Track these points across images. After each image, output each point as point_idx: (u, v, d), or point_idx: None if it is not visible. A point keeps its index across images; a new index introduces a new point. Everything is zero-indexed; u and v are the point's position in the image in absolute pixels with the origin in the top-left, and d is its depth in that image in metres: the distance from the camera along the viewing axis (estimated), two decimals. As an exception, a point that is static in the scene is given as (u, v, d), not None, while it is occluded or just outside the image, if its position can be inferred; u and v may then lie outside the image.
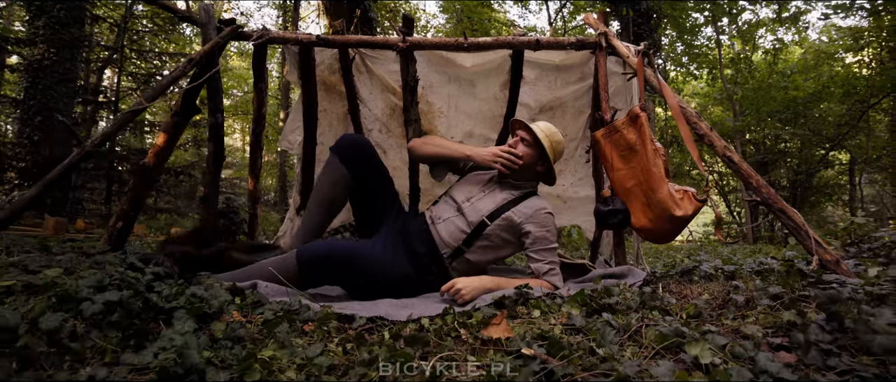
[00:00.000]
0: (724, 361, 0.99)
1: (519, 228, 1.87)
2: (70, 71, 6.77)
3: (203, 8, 2.04)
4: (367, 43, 2.13)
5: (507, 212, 1.88)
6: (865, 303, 1.20)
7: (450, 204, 1.98)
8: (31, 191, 1.62)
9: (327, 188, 1.91)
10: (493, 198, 1.92)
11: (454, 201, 1.98)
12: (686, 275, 2.16)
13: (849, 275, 1.61)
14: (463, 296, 1.58)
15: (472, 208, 1.89)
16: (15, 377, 0.88)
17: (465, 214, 1.88)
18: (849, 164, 13.37)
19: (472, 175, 2.08)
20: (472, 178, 2.05)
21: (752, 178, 1.92)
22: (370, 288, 1.71)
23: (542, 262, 1.85)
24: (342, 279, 1.75)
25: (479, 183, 2.01)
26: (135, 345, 1.12)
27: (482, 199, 1.92)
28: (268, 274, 1.63)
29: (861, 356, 0.96)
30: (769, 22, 12.70)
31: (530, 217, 1.88)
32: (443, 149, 2.02)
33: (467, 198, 1.94)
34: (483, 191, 1.96)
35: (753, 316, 1.29)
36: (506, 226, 1.86)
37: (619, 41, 2.42)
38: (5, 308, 1.08)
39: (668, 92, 2.19)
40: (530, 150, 1.96)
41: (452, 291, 1.60)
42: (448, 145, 2.03)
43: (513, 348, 1.09)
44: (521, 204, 1.91)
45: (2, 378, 0.82)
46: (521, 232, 1.88)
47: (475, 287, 1.61)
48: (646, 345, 1.10)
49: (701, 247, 6.61)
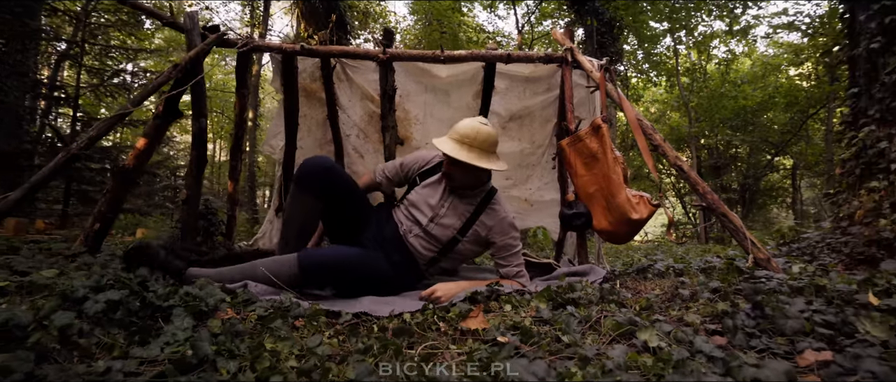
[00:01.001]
0: (669, 344, 1.16)
1: (486, 239, 1.99)
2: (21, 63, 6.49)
3: (188, 15, 2.08)
4: (349, 53, 2.24)
5: (473, 227, 1.96)
6: (785, 294, 1.41)
7: (415, 219, 1.99)
8: (15, 194, 1.64)
9: (299, 218, 1.92)
10: (455, 212, 1.96)
11: (417, 217, 1.98)
12: (641, 273, 2.37)
13: (777, 271, 1.84)
14: (442, 301, 1.68)
15: (438, 227, 1.94)
16: (36, 370, 0.94)
17: (433, 233, 1.95)
18: (791, 169, 14.36)
19: (426, 187, 2.05)
20: (428, 191, 2.02)
21: (698, 185, 2.14)
22: (358, 288, 1.79)
23: (510, 266, 1.99)
24: (338, 282, 1.79)
25: (435, 195, 2.00)
26: (139, 341, 1.20)
27: (446, 216, 1.96)
28: (262, 275, 1.68)
29: (777, 337, 1.15)
30: (722, 34, 13.45)
31: (494, 229, 1.97)
32: None
33: (432, 219, 1.96)
34: (442, 204, 1.97)
35: (695, 307, 1.48)
36: (474, 239, 1.98)
37: (584, 57, 2.62)
38: (13, 307, 1.14)
39: (627, 105, 2.40)
40: (462, 171, 1.92)
41: (433, 297, 1.72)
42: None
43: (489, 337, 1.23)
44: (483, 214, 1.97)
45: (24, 371, 0.89)
46: (489, 242, 2.00)
47: (454, 293, 1.73)
48: (604, 333, 1.27)
49: (657, 247, 6.98)
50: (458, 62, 2.45)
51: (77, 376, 0.91)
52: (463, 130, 1.89)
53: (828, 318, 1.19)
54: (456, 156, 1.82)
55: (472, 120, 1.94)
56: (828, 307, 1.28)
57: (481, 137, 1.88)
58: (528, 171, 3.11)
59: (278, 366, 1.00)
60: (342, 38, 4.85)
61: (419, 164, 2.15)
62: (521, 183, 3.15)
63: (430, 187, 2.04)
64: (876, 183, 2.29)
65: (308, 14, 4.51)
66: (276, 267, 1.70)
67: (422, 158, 2.16)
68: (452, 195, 1.99)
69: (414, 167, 2.15)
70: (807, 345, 1.08)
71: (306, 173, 1.86)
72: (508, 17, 22.63)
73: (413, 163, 2.16)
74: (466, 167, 1.87)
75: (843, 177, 2.53)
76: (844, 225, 2.39)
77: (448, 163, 1.91)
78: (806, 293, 1.46)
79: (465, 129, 1.89)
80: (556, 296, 1.61)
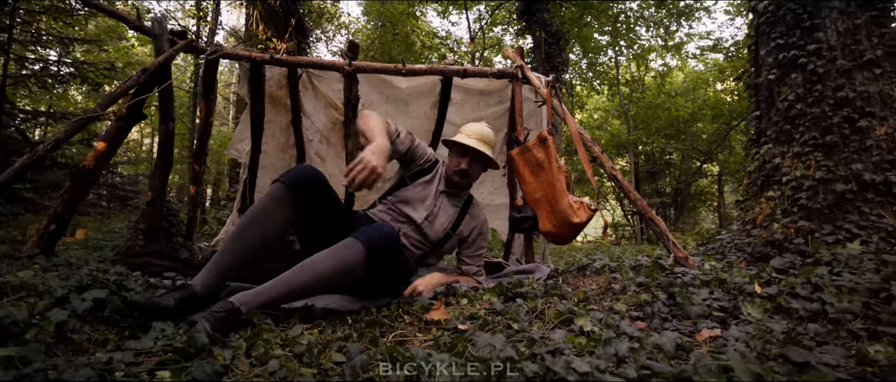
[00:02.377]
0: (600, 328, 1.39)
1: (465, 239, 2.17)
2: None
3: (156, 20, 2.12)
4: (316, 64, 2.35)
5: (459, 227, 2.10)
6: (694, 286, 1.69)
7: (408, 217, 2.02)
8: (-20, 196, 1.64)
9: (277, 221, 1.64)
10: (446, 213, 2.08)
11: (411, 214, 2.02)
12: (581, 271, 2.65)
13: (693, 268, 2.15)
14: (424, 295, 1.82)
15: (431, 225, 2.04)
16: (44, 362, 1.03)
17: (425, 231, 2.03)
18: (718, 176, 15.67)
19: (418, 185, 2.10)
20: (418, 191, 2.08)
21: (630, 193, 2.44)
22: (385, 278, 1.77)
23: (473, 265, 2.18)
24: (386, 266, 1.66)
25: (427, 196, 2.07)
26: (129, 335, 1.29)
27: (439, 215, 2.06)
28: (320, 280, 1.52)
29: (684, 320, 1.42)
30: (658, 48, 14.46)
31: (475, 230, 2.16)
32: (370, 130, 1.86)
33: (426, 217, 2.03)
34: (436, 203, 2.07)
35: (623, 299, 1.73)
36: (458, 239, 2.15)
37: (533, 73, 2.87)
38: (6, 305, 1.20)
39: (570, 119, 2.67)
40: (479, 167, 2.14)
41: (416, 293, 1.85)
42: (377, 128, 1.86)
43: (450, 326, 1.42)
44: (466, 216, 2.13)
45: (39, 362, 0.98)
46: (465, 241, 2.17)
47: (432, 285, 1.89)
48: (548, 320, 1.49)
49: (596, 248, 7.46)
50: (417, 75, 2.62)
51: (85, 366, 1.00)
52: (479, 131, 2.12)
53: (723, 304, 1.47)
54: (485, 150, 2.06)
55: (478, 124, 2.18)
56: (725, 295, 1.57)
57: (491, 137, 2.16)
58: (480, 177, 3.33)
59: (271, 353, 1.14)
60: (301, 41, 4.88)
61: (424, 157, 2.15)
62: (473, 188, 3.36)
63: (423, 186, 2.11)
64: (772, 192, 2.71)
65: (267, 16, 4.50)
66: (340, 262, 1.52)
67: (427, 152, 2.18)
68: (443, 196, 2.11)
69: (420, 155, 2.13)
70: (705, 325, 1.34)
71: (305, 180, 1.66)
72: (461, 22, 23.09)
73: (423, 149, 2.15)
74: (483, 162, 2.11)
75: (748, 186, 2.95)
76: (748, 228, 2.80)
77: (470, 160, 2.07)
78: (711, 285, 1.76)
79: (479, 130, 2.12)
80: (507, 291, 1.82)
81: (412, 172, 2.14)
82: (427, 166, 2.16)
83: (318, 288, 1.55)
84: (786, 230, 2.56)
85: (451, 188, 2.14)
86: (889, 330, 1.18)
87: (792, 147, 2.72)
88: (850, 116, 2.59)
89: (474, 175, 2.16)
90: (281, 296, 1.47)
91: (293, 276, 1.49)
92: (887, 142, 2.43)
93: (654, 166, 15.86)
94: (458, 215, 2.12)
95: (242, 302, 1.36)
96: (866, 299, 1.38)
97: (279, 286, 1.47)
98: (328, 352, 1.18)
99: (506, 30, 14.45)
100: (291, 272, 1.50)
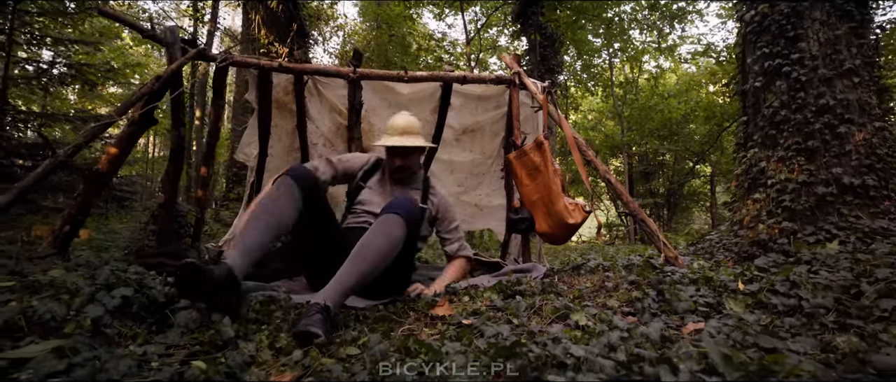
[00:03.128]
0: (594, 323, 1.50)
1: (435, 217, 2.23)
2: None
3: (168, 29, 2.21)
4: (322, 71, 2.45)
5: (425, 210, 2.16)
6: (683, 284, 1.80)
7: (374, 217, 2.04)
8: (5, 198, 1.73)
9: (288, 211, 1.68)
10: None
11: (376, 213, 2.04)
12: (576, 270, 2.76)
13: (682, 267, 2.27)
14: (427, 294, 1.93)
15: None
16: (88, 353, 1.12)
17: None
18: (710, 176, 15.88)
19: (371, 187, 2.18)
20: (376, 189, 2.17)
21: (623, 196, 2.55)
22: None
23: (453, 241, 2.25)
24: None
25: (383, 191, 2.17)
26: (156, 330, 1.38)
27: None
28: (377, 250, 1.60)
29: (672, 315, 1.53)
30: (651, 50, 14.64)
31: (440, 206, 2.21)
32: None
33: None
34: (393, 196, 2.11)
35: (616, 296, 1.84)
36: (428, 220, 2.20)
37: (530, 80, 2.98)
38: (47, 302, 1.28)
39: (565, 124, 2.77)
40: (413, 158, 2.16)
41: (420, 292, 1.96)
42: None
43: (454, 321, 1.52)
44: (428, 197, 2.19)
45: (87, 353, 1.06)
46: (436, 219, 2.24)
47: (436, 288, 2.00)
48: (545, 316, 1.59)
49: (591, 248, 7.58)
50: (418, 81, 2.72)
51: (123, 357, 1.09)
52: (403, 124, 2.14)
53: (708, 300, 1.59)
54: (412, 144, 2.07)
55: (401, 114, 2.19)
56: (711, 292, 1.68)
57: (416, 125, 2.17)
58: (478, 179, 3.43)
59: (292, 344, 1.24)
60: (302, 45, 4.97)
61: (361, 165, 2.22)
62: (471, 189, 3.47)
63: (376, 185, 2.19)
64: (758, 194, 2.83)
65: (269, 21, 4.58)
66: (391, 237, 1.64)
67: (361, 159, 2.24)
68: (396, 187, 2.18)
69: (355, 167, 2.20)
70: (691, 320, 1.45)
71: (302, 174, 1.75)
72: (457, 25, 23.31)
73: (354, 161, 2.21)
74: (415, 152, 2.13)
75: (736, 189, 3.07)
76: (736, 228, 2.92)
77: (402, 155, 2.11)
78: (698, 283, 1.87)
79: (403, 123, 2.14)
80: (506, 289, 1.93)
81: (360, 178, 2.20)
82: (370, 167, 2.23)
83: (379, 268, 1.61)
84: (770, 230, 2.68)
85: (400, 180, 2.20)
86: (856, 323, 1.30)
87: (777, 151, 2.85)
88: (830, 122, 2.72)
89: (414, 165, 2.19)
90: (354, 285, 1.54)
91: (358, 264, 1.55)
92: (865, 147, 2.56)
93: (647, 167, 16.06)
94: (421, 198, 2.17)
95: (325, 300, 1.42)
96: (839, 295, 1.50)
97: (350, 276, 1.53)
98: (344, 346, 1.28)
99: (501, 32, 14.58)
100: (353, 260, 1.56)
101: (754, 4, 3.06)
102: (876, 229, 2.39)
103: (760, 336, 1.03)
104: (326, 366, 1.04)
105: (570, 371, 0.77)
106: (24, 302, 1.29)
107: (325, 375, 0.90)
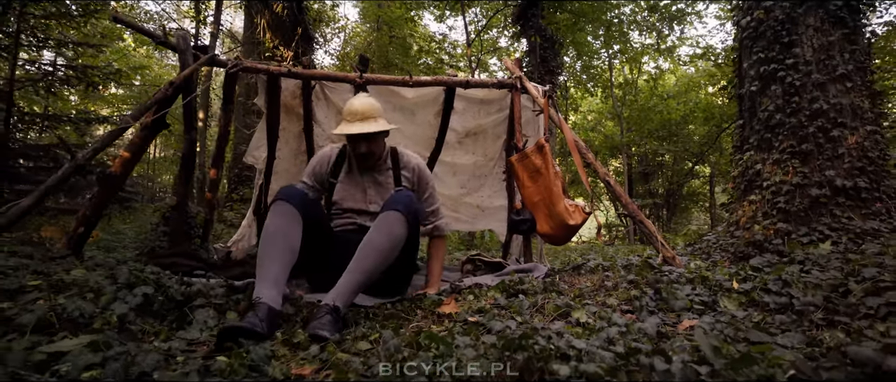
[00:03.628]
0: (594, 320, 1.57)
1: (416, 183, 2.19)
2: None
3: (181, 36, 2.28)
4: (329, 76, 2.52)
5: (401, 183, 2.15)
6: (680, 283, 1.87)
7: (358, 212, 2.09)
8: (28, 200, 1.79)
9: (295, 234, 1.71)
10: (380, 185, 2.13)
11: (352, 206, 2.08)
12: (576, 269, 2.83)
13: (679, 266, 2.34)
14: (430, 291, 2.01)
15: (376, 204, 2.09)
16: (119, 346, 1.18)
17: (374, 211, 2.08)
18: (709, 177, 15.96)
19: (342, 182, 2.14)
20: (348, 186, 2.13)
21: (622, 197, 2.62)
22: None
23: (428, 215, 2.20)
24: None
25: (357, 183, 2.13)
26: (176, 326, 1.45)
27: (379, 191, 2.11)
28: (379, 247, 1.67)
29: (669, 312, 1.60)
30: (651, 51, 14.72)
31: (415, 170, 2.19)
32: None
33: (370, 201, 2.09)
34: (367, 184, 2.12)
35: (615, 294, 1.91)
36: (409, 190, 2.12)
37: (531, 84, 3.04)
38: (76, 299, 1.35)
39: (566, 127, 2.84)
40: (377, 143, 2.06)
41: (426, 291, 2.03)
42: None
43: (461, 318, 1.59)
44: (401, 170, 2.15)
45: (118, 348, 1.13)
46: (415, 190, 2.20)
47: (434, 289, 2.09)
48: (548, 313, 1.66)
49: (591, 248, 7.65)
50: (422, 86, 2.79)
51: (151, 352, 1.16)
52: (361, 108, 2.00)
53: (704, 299, 1.66)
54: (374, 129, 1.96)
55: (359, 97, 2.07)
56: (706, 291, 1.75)
57: (376, 107, 2.05)
58: (480, 181, 3.50)
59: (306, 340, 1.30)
60: (307, 49, 5.04)
61: (324, 163, 2.16)
62: (474, 191, 3.54)
63: (346, 178, 2.14)
64: (754, 196, 2.90)
65: (274, 25, 4.64)
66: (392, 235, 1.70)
67: (323, 157, 2.17)
68: (366, 175, 2.13)
69: (323, 168, 2.16)
70: (686, 317, 1.52)
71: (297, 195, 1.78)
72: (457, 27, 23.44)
73: (319, 165, 2.17)
74: (379, 136, 2.04)
75: (733, 190, 3.14)
76: (732, 229, 2.99)
77: (367, 140, 2.01)
78: (695, 282, 1.94)
79: (362, 107, 2.00)
80: (509, 288, 1.99)
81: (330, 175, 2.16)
82: (335, 160, 2.16)
83: (385, 264, 1.69)
84: (766, 231, 2.75)
85: (368, 167, 2.14)
86: (843, 320, 1.36)
87: (772, 154, 2.92)
88: (824, 126, 2.79)
89: (378, 150, 2.09)
90: (361, 283, 1.62)
91: (363, 262, 1.63)
92: (857, 150, 2.63)
93: (646, 167, 16.13)
94: (394, 176, 2.15)
95: (335, 300, 1.50)
96: (828, 293, 1.57)
97: (356, 275, 1.61)
98: (357, 342, 1.34)
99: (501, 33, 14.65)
100: (358, 260, 1.64)
101: (750, 10, 3.14)
102: (867, 230, 2.46)
103: (751, 332, 1.10)
104: (343, 360, 1.11)
105: (572, 362, 0.84)
106: (52, 301, 1.36)
107: (343, 368, 0.97)
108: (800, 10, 2.90)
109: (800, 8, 2.90)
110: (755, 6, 3.08)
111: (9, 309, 1.27)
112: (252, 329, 1.28)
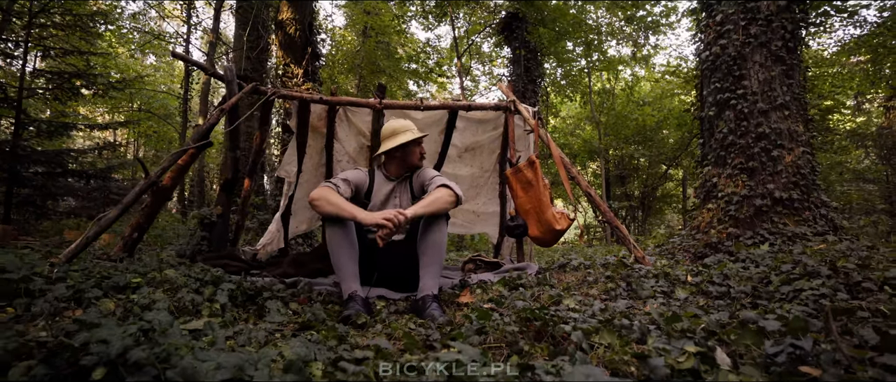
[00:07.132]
0: (580, 305, 2.02)
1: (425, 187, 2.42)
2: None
3: (227, 68, 2.65)
4: (353, 103, 2.93)
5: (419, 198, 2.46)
6: (646, 278, 2.34)
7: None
8: (113, 213, 2.15)
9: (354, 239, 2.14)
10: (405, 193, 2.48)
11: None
12: (562, 268, 3.29)
13: (647, 265, 2.82)
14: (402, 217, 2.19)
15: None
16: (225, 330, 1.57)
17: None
18: (682, 180, 16.79)
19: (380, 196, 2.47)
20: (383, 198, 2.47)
21: (600, 206, 3.09)
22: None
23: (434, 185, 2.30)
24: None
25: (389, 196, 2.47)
26: (257, 314, 1.85)
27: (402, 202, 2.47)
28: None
29: (637, 300, 2.06)
30: (628, 59, 15.45)
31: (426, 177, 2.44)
32: (336, 208, 2.08)
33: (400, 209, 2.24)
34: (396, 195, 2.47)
35: (595, 287, 2.38)
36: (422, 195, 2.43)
37: (523, 105, 3.50)
38: (189, 293, 1.73)
39: (553, 145, 3.30)
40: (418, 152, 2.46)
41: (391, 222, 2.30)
42: (341, 205, 2.09)
43: (476, 306, 2.03)
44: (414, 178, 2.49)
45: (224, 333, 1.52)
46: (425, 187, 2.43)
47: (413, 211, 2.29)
48: (544, 301, 2.11)
49: (572, 249, 8.18)
50: (430, 109, 3.22)
51: (256, 331, 1.55)
52: (400, 127, 2.42)
53: (664, 289, 2.13)
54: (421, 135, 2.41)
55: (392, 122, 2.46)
56: (667, 284, 2.23)
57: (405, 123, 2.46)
58: (477, 190, 3.95)
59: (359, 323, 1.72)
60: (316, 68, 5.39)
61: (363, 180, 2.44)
62: (471, 199, 3.98)
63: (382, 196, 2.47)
64: (711, 205, 3.42)
65: (286, 45, 4.99)
66: (446, 203, 2.14)
67: (361, 175, 2.45)
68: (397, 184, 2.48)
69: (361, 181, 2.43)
70: (650, 302, 1.99)
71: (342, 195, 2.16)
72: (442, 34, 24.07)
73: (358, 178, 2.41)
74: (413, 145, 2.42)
75: (696, 198, 3.65)
76: (693, 233, 3.50)
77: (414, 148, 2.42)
78: (658, 277, 2.42)
79: (400, 126, 2.43)
80: (510, 282, 2.44)
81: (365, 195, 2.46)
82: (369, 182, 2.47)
83: (444, 249, 2.15)
84: (720, 234, 3.25)
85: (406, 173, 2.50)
86: (763, 302, 1.85)
87: (726, 169, 3.44)
88: (766, 147, 3.32)
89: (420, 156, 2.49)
90: (440, 270, 2.12)
91: (432, 249, 2.12)
92: (792, 167, 3.15)
93: (623, 171, 16.88)
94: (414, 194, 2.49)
95: (431, 290, 2.03)
96: (755, 284, 2.06)
97: (433, 262, 2.11)
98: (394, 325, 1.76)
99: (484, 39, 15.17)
100: (429, 254, 2.12)
101: (709, 46, 3.67)
102: (798, 234, 2.99)
103: (689, 308, 1.56)
104: (404, 331, 1.53)
105: (571, 323, 1.28)
106: (172, 294, 1.74)
107: (411, 335, 1.39)
108: (747, 49, 3.43)
109: (747, 47, 3.43)
110: (713, 43, 3.61)
111: (136, 299, 1.65)
112: (361, 313, 1.77)
